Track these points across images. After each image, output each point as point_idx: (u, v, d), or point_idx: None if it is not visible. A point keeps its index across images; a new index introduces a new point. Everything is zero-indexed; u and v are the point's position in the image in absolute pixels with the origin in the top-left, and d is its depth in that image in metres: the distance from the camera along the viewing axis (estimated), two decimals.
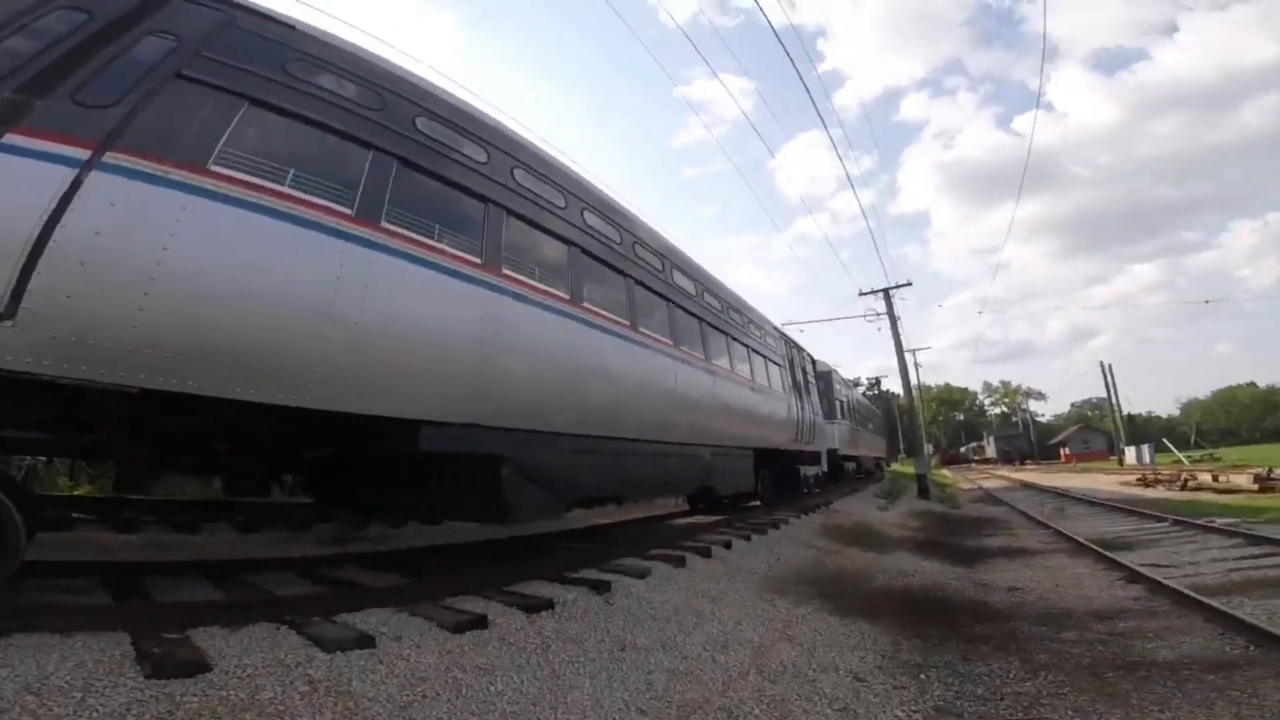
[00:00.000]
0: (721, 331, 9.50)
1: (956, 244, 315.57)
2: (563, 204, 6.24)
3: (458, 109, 5.40)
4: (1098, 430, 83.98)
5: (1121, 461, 46.08)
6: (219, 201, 3.44)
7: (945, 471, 55.10)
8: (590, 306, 6.19)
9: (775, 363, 12.13)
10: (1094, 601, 6.52)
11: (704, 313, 8.93)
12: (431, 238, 4.69)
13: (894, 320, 23.65)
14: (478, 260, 4.98)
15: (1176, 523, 11.09)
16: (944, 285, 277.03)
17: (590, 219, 6.64)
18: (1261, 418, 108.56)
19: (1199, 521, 10.75)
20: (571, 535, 8.96)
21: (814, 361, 16.37)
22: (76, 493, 9.34)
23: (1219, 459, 40.60)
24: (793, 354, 13.74)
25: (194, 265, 3.28)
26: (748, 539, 8.59)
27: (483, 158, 5.36)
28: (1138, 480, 24.60)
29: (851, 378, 54.07)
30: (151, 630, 2.96)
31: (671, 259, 8.36)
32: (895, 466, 47.66)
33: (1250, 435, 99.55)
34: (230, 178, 3.52)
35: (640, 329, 7.02)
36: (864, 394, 48.92)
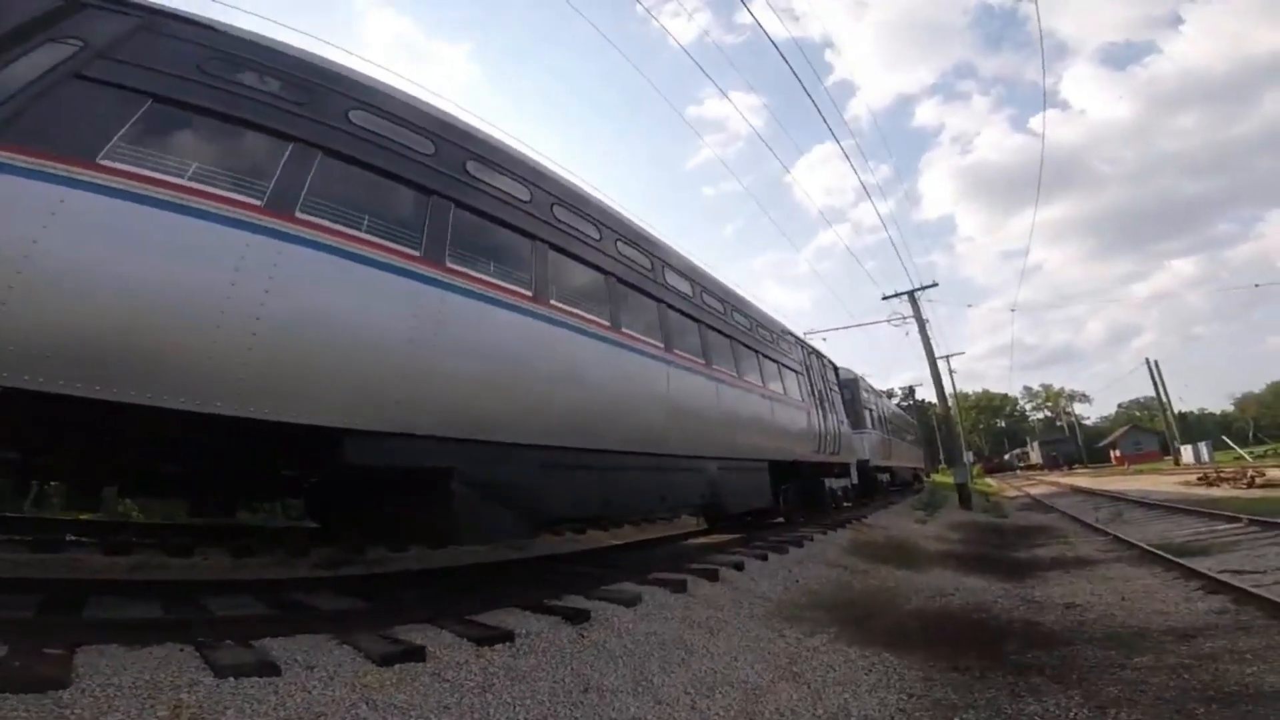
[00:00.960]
0: (725, 335, 8.76)
1: (984, 249, 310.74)
2: (526, 197, 5.69)
3: (399, 101, 5.02)
4: (1148, 430, 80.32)
5: (1178, 461, 43.59)
6: (103, 195, 3.26)
7: (989, 480, 52.85)
8: (560, 305, 5.56)
9: (791, 369, 11.28)
10: (1170, 617, 5.55)
11: (703, 315, 8.22)
12: (359, 229, 4.23)
13: (921, 323, 22.50)
14: (415, 253, 4.44)
15: (1254, 523, 9.89)
16: (974, 291, 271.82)
17: (559, 213, 6.05)
18: None
19: None
20: (581, 557, 8.25)
21: (837, 369, 15.39)
22: (83, 517, 9.34)
23: None
24: (811, 360, 12.86)
25: (66, 258, 3.08)
26: (763, 559, 7.77)
27: (428, 149, 4.95)
28: (1198, 480, 22.88)
29: (885, 389, 52.61)
30: (37, 644, 2.76)
31: (661, 256, 7.70)
32: (935, 477, 45.82)
33: None
34: (120, 171, 3.36)
35: (624, 330, 6.36)
36: (898, 405, 47.37)
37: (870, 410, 19.26)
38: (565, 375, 5.38)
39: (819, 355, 13.83)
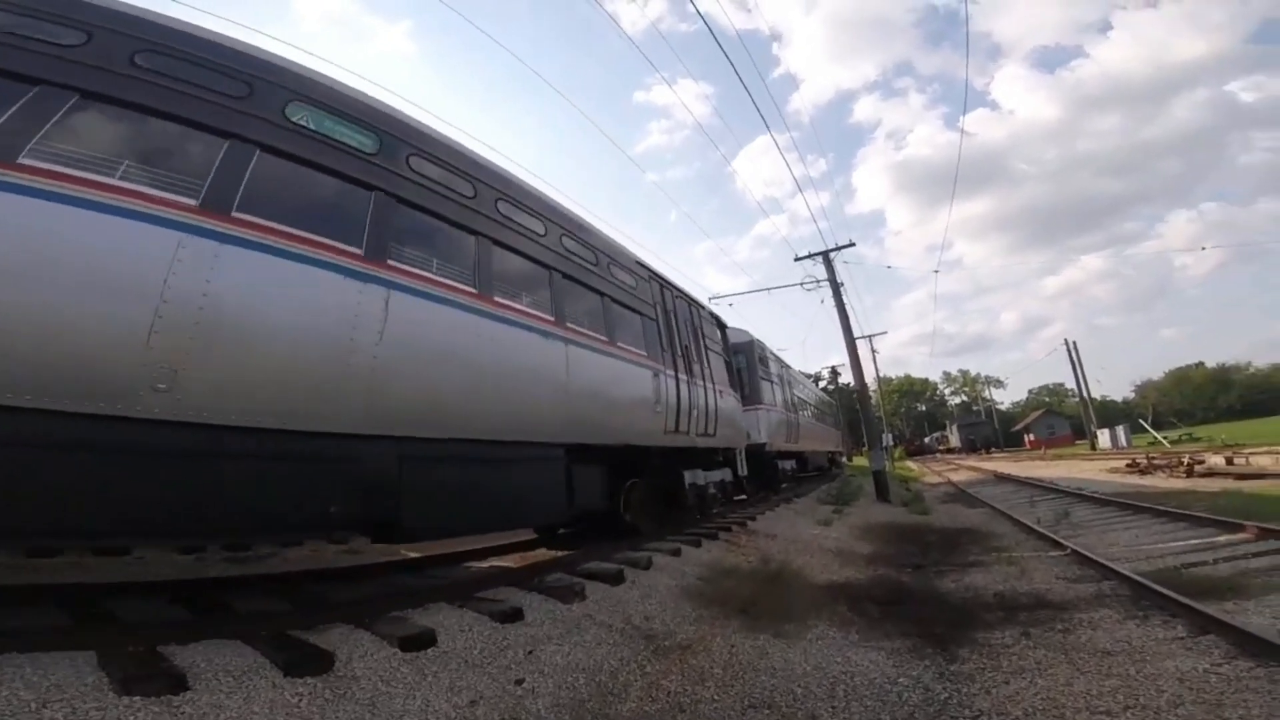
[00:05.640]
0: (448, 221, 4.97)
1: (911, 242, 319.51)
2: None
3: None
4: (1060, 415, 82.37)
5: (1094, 445, 43.05)
6: None
7: (910, 464, 51.65)
8: None
9: (627, 308, 7.58)
10: None
11: (376, 177, 4.39)
12: None
13: (836, 286, 19.28)
14: None
15: (1264, 533, 6.95)
16: (900, 283, 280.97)
17: None
18: (1214, 397, 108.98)
19: None
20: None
21: (722, 324, 11.72)
22: None
23: (1198, 439, 37.87)
24: (675, 305, 9.18)
25: None
26: (508, 620, 4.26)
27: None
28: (1128, 466, 20.86)
29: (811, 373, 50.26)
30: None
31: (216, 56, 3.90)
32: (857, 459, 43.94)
33: (1205, 415, 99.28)
34: None
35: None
36: (824, 387, 45.21)
37: (772, 383, 15.91)
38: None
39: (689, 301, 10.13)
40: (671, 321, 8.94)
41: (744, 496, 13.65)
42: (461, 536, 6.31)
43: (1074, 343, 47.89)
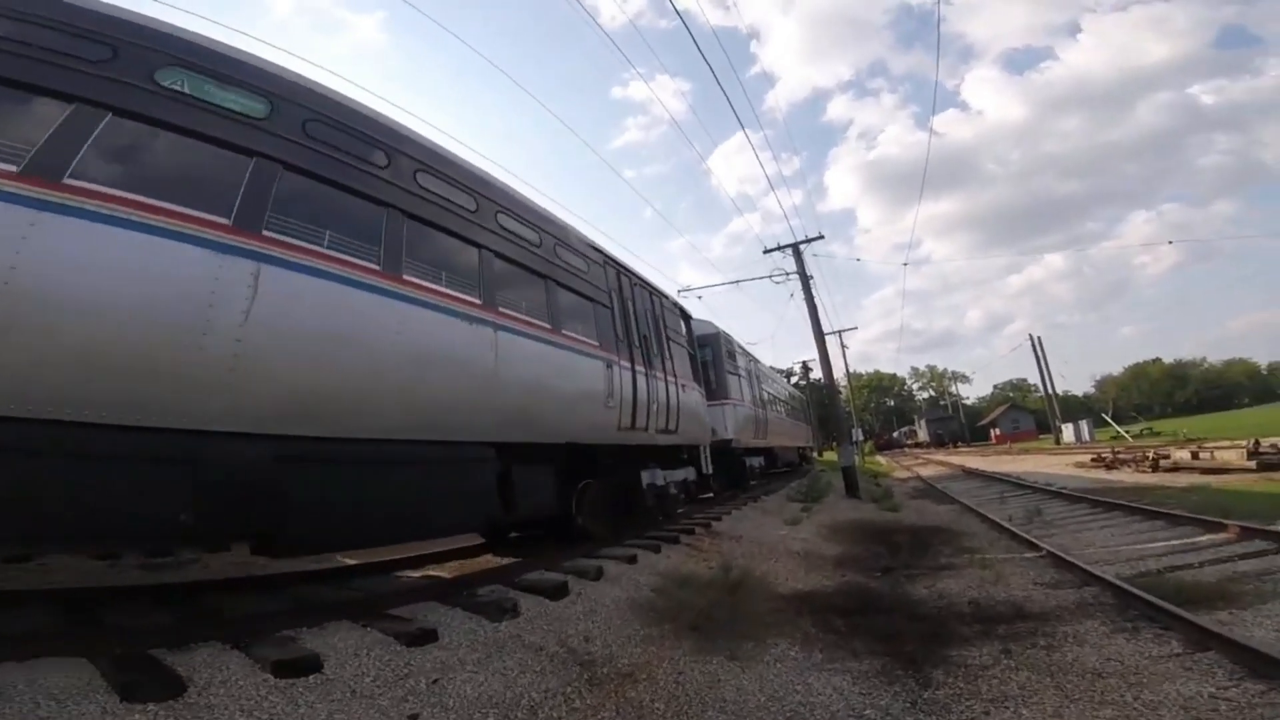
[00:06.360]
0: (356, 194, 4.39)
1: (880, 240, 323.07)
2: None
3: None
4: (1024, 409, 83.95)
5: (1059, 440, 43.62)
6: None
7: (879, 458, 51.93)
8: None
9: (576, 293, 6.94)
10: None
11: (263, 143, 3.86)
12: None
13: (805, 279, 18.93)
14: None
15: (1247, 532, 6.62)
16: (869, 280, 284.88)
17: None
18: (1171, 392, 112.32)
19: None
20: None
21: (686, 315, 11.11)
22: None
23: (1158, 433, 38.57)
24: (630, 291, 8.54)
25: None
26: (419, 640, 3.73)
27: None
28: (1094, 461, 20.89)
29: (783, 368, 50.15)
30: None
31: None
32: (827, 454, 43.93)
33: (1162, 410, 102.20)
34: None
35: None
36: (795, 383, 45.09)
37: (739, 377, 15.41)
38: None
39: (651, 290, 9.52)
40: (629, 310, 8.34)
41: (710, 495, 13.17)
42: (365, 548, 5.69)
43: (1039, 338, 48.46)
